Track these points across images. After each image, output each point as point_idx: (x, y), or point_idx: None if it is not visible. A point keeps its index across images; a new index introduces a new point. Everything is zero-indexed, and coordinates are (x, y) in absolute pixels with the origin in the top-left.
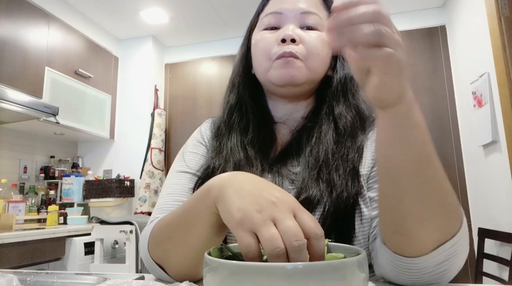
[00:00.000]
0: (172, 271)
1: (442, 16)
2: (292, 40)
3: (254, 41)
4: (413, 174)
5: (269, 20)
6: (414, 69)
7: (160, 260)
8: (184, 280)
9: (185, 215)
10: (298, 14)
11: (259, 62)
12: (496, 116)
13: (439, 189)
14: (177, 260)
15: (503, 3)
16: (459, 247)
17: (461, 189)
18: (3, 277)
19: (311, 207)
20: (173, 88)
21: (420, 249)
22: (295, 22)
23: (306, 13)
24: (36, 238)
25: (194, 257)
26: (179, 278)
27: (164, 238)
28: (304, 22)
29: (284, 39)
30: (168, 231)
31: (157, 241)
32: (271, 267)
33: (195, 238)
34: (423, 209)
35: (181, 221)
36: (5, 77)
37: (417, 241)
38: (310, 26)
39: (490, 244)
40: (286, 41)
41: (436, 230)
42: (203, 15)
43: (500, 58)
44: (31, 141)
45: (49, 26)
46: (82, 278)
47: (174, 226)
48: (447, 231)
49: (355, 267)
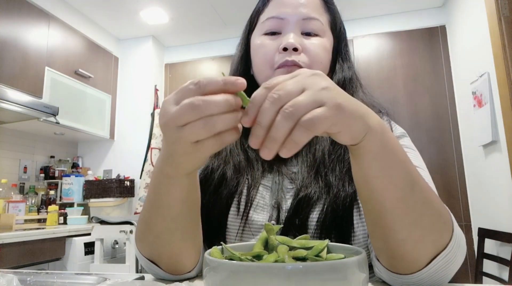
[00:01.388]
0: (163, 263)
1: (442, 16)
2: (294, 49)
3: (254, 46)
4: (399, 201)
5: (269, 25)
6: (414, 69)
7: (150, 255)
8: (176, 271)
9: (154, 203)
10: (300, 19)
11: (260, 69)
12: (496, 116)
13: (429, 207)
14: (162, 249)
15: (503, 3)
16: (454, 254)
17: (461, 189)
18: (3, 277)
19: (310, 205)
20: (173, 88)
21: (415, 267)
22: (297, 28)
23: (307, 19)
24: (36, 238)
25: (177, 242)
26: (171, 270)
27: (144, 231)
28: (305, 28)
29: (286, 47)
30: (147, 223)
31: (140, 236)
32: (271, 267)
33: (172, 222)
34: (415, 232)
35: (154, 209)
36: (5, 77)
37: (411, 262)
38: (311, 32)
39: (490, 244)
40: (288, 50)
41: (430, 247)
42: (203, 15)
43: (500, 58)
44: (31, 141)
45: (49, 26)
46: (82, 278)
47: (148, 218)
48: (440, 244)
49: (355, 267)
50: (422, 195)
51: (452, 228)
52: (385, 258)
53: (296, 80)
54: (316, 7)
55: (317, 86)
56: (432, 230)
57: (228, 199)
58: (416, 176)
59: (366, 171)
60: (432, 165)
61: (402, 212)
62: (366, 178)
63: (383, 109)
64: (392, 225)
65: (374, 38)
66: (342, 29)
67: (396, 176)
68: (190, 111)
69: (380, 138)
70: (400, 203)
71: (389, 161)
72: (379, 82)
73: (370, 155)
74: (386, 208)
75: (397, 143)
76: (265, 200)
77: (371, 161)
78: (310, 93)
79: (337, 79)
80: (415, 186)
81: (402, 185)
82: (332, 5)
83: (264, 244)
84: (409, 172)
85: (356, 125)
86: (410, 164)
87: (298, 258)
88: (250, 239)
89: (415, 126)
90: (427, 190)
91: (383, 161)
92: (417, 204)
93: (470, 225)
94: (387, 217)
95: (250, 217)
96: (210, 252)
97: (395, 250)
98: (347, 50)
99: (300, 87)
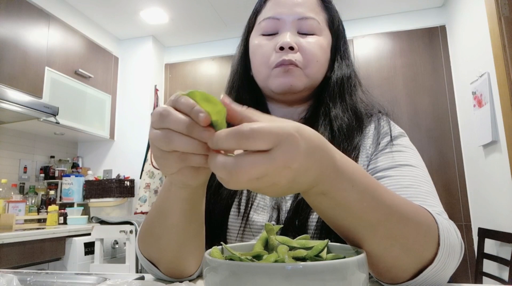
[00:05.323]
0: (162, 267)
1: (442, 16)
2: (290, 48)
3: (252, 47)
4: (371, 233)
5: (266, 25)
6: (414, 69)
7: (149, 256)
8: (175, 276)
9: (158, 207)
10: (296, 19)
11: (258, 69)
12: (496, 116)
13: (407, 230)
14: (160, 254)
15: (503, 3)
16: (442, 264)
17: (461, 189)
18: (3, 277)
19: (310, 206)
20: (173, 88)
21: (399, 279)
22: (293, 28)
23: (304, 19)
24: (36, 238)
25: (175, 248)
26: (170, 274)
27: (146, 232)
28: (301, 27)
29: (282, 47)
30: (149, 225)
31: (142, 237)
32: (271, 267)
33: (172, 229)
34: (393, 249)
35: (157, 213)
36: (5, 77)
37: (395, 276)
38: (308, 31)
39: (490, 244)
40: (284, 49)
41: (412, 262)
42: (203, 15)
43: (500, 58)
44: (31, 141)
45: (49, 26)
46: (82, 278)
47: (151, 220)
48: (425, 259)
49: (355, 267)
50: (398, 223)
51: (438, 242)
52: (369, 269)
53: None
54: (312, 7)
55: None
56: (412, 246)
57: (228, 199)
58: (389, 204)
59: (333, 211)
60: (432, 165)
61: (377, 241)
62: (335, 217)
63: (383, 109)
64: (368, 249)
65: (374, 38)
66: (340, 27)
67: (364, 208)
68: (157, 117)
69: (343, 170)
70: (372, 235)
71: (353, 195)
72: (379, 82)
73: (330, 195)
74: (358, 240)
75: (359, 171)
76: (265, 201)
77: (335, 202)
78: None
79: (335, 78)
80: (389, 218)
81: (373, 222)
82: (330, 3)
83: (264, 244)
84: (379, 198)
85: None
86: (378, 189)
87: (298, 258)
88: (251, 239)
89: (415, 126)
90: (404, 214)
91: (347, 198)
92: (392, 232)
93: (470, 225)
94: (362, 244)
95: (251, 217)
96: (210, 252)
97: (376, 266)
98: (346, 48)
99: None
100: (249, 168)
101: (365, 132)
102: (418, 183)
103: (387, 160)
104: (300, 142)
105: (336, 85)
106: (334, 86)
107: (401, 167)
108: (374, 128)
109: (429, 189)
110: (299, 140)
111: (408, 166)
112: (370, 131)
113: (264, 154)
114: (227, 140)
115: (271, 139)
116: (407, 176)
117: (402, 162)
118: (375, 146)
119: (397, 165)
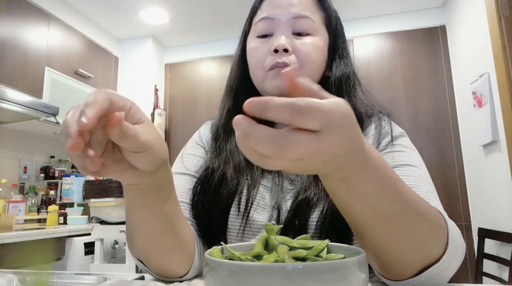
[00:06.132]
0: (150, 266)
1: (442, 16)
2: (284, 50)
3: (248, 49)
4: (383, 226)
5: (261, 27)
6: (414, 69)
7: (138, 256)
8: (164, 275)
9: (128, 213)
10: (290, 19)
11: (254, 72)
12: (496, 116)
13: (419, 226)
14: (141, 253)
15: (503, 3)
16: (448, 263)
17: (461, 189)
18: (3, 277)
19: (310, 207)
20: (173, 88)
21: (404, 275)
22: (288, 28)
23: (298, 18)
24: (36, 238)
25: (146, 248)
26: (159, 273)
27: (127, 234)
28: (296, 27)
29: (276, 49)
30: (127, 225)
31: (126, 238)
32: (271, 267)
33: (140, 228)
34: (402, 244)
35: (126, 212)
36: (5, 77)
37: (400, 272)
38: (303, 31)
39: (490, 244)
40: (278, 51)
41: (419, 259)
42: (203, 15)
43: (500, 58)
44: (31, 141)
45: (49, 26)
46: (82, 278)
47: (126, 220)
48: (432, 256)
49: (355, 267)
50: (413, 219)
51: (447, 241)
52: (374, 263)
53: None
54: (308, 6)
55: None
56: (422, 244)
57: (228, 199)
58: (405, 194)
59: (352, 203)
60: (432, 165)
61: (388, 229)
62: (354, 208)
63: (383, 109)
64: (376, 241)
65: (374, 38)
66: (338, 26)
67: (384, 207)
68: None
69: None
70: (384, 231)
71: (372, 185)
72: (379, 82)
73: (357, 184)
74: (372, 234)
75: (384, 165)
76: (265, 200)
77: (359, 191)
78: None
79: (334, 78)
80: (404, 214)
81: (389, 215)
82: (326, 2)
83: (264, 244)
84: (398, 192)
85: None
86: (399, 184)
87: (298, 258)
88: (251, 239)
89: (415, 126)
90: (419, 210)
91: (369, 188)
92: (406, 228)
93: (470, 225)
94: (373, 238)
95: (251, 217)
96: (210, 252)
97: (382, 260)
98: (345, 47)
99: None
100: (300, 146)
101: (365, 132)
102: (419, 183)
103: (387, 160)
104: (349, 130)
105: (335, 85)
106: (332, 87)
107: (402, 167)
108: (374, 128)
109: (429, 189)
110: (349, 129)
111: (409, 166)
112: (370, 131)
113: (315, 135)
114: (278, 109)
115: (324, 120)
116: (407, 176)
117: (403, 162)
118: (375, 146)
119: (398, 165)
